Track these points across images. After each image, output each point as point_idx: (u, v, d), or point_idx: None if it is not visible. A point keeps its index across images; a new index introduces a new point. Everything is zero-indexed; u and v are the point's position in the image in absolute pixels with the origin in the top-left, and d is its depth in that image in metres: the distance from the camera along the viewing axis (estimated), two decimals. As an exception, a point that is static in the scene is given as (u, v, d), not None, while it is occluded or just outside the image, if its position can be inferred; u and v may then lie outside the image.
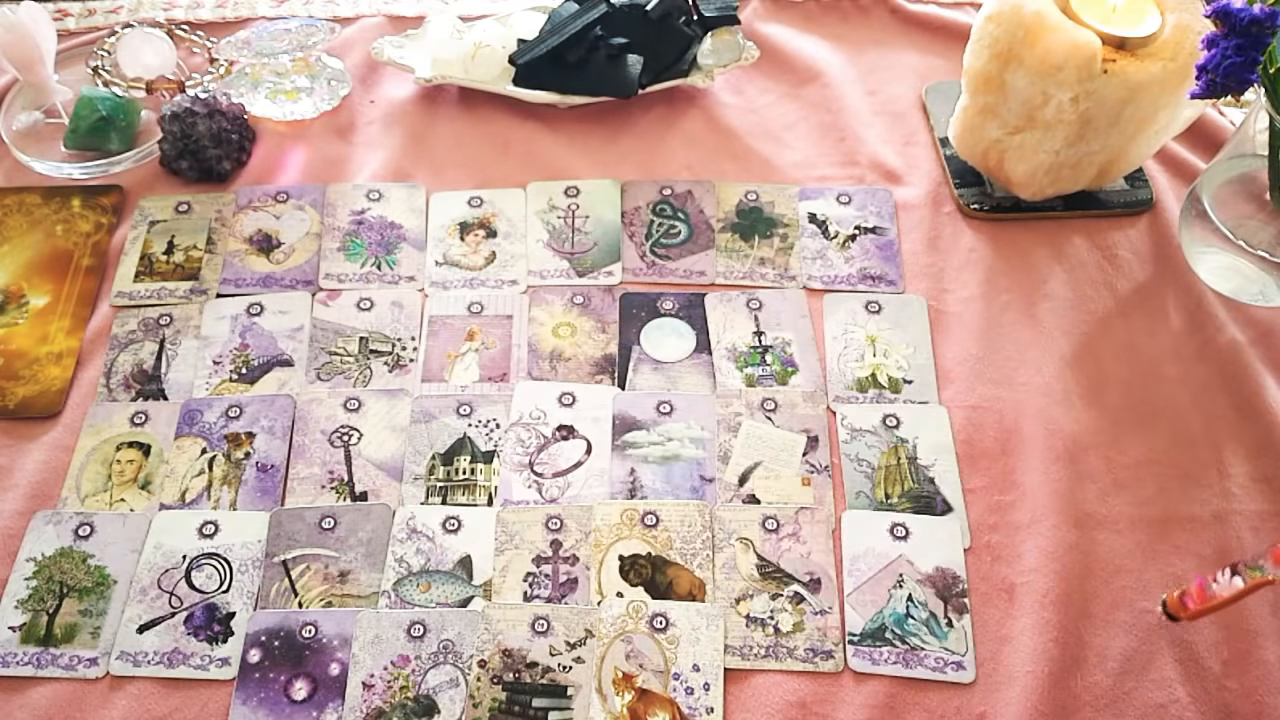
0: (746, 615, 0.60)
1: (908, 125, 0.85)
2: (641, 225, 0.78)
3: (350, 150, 0.84)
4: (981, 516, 0.64)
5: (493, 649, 0.58)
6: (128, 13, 0.93)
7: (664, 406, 0.68)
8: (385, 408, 0.69)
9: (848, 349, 0.71)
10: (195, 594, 0.61)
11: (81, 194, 0.80)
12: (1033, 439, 0.66)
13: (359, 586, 0.61)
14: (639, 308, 0.74)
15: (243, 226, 0.78)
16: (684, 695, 0.57)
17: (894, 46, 0.91)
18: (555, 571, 0.62)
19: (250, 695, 0.57)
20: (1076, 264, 0.75)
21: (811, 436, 0.67)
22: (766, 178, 0.81)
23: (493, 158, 0.83)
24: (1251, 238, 0.69)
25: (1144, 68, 0.67)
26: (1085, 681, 0.57)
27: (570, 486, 0.65)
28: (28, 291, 0.75)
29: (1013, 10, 0.69)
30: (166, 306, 0.74)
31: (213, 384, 0.70)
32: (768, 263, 0.76)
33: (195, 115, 0.78)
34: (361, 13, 0.93)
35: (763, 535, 0.63)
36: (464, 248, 0.77)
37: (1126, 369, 0.70)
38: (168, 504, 0.65)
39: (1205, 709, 0.57)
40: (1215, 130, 0.82)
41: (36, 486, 0.65)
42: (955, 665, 0.58)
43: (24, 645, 0.59)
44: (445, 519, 0.64)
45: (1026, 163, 0.73)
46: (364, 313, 0.73)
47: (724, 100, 0.87)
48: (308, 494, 0.65)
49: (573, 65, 0.82)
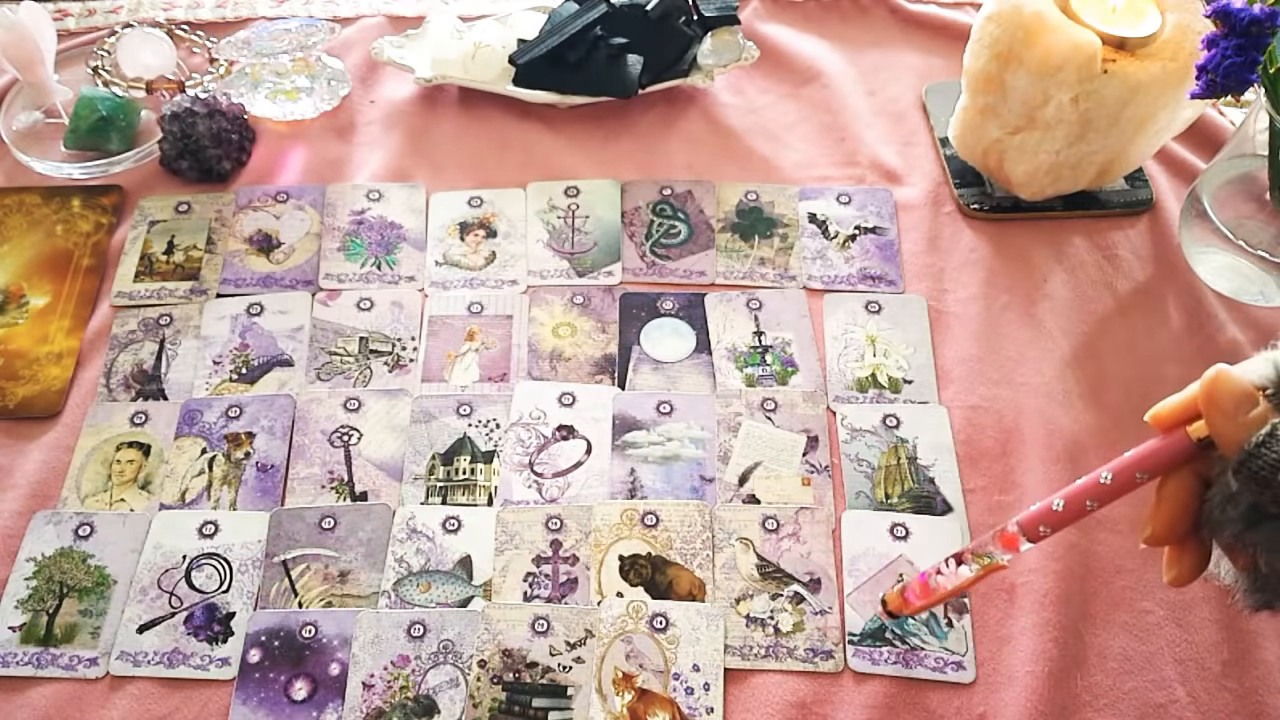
0: (746, 615, 0.60)
1: (908, 125, 0.85)
2: (641, 225, 0.78)
3: (350, 150, 0.84)
4: (981, 516, 0.64)
5: (493, 649, 0.58)
6: (128, 13, 0.93)
7: (664, 406, 0.68)
8: (385, 408, 0.69)
9: (848, 349, 0.71)
10: (195, 594, 0.61)
11: (81, 194, 0.80)
12: (1033, 439, 0.66)
13: (359, 586, 0.61)
14: (639, 308, 0.74)
15: (243, 226, 0.78)
16: (684, 695, 0.57)
17: (894, 46, 0.91)
18: (555, 571, 0.62)
19: (250, 695, 0.57)
20: (1076, 264, 0.75)
21: (811, 436, 0.67)
22: (766, 178, 0.81)
23: (493, 158, 0.83)
24: (1251, 238, 0.69)
25: (1144, 68, 0.67)
26: (1085, 681, 0.57)
27: (570, 486, 0.65)
28: (28, 291, 0.75)
29: (1013, 10, 0.69)
30: (166, 306, 0.74)
31: (213, 384, 0.70)
32: (768, 263, 0.76)
33: (195, 115, 0.78)
34: (361, 13, 0.93)
35: (763, 535, 0.63)
36: (464, 248, 0.77)
37: (1126, 369, 0.70)
38: (168, 504, 0.65)
39: (1205, 709, 0.57)
40: (1215, 130, 0.82)
41: (36, 486, 0.65)
42: (955, 665, 0.58)
43: (24, 645, 0.59)
44: (445, 519, 0.64)
45: (1026, 163, 0.74)
46: (364, 313, 0.73)
47: (724, 100, 0.87)
48: (308, 494, 0.65)
49: (573, 65, 0.82)
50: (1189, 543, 0.44)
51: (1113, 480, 0.44)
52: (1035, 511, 0.46)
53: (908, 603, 0.53)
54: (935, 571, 0.51)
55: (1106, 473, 0.44)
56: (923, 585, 0.52)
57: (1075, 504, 0.45)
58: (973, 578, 0.50)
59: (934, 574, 0.51)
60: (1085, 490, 0.45)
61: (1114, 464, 0.44)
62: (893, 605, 0.55)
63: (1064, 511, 0.45)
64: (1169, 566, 0.44)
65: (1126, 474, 0.44)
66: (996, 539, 0.48)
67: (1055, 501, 0.45)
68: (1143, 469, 0.44)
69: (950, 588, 0.50)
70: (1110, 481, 0.44)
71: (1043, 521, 0.46)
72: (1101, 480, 0.44)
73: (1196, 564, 0.44)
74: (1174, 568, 0.44)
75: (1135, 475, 0.44)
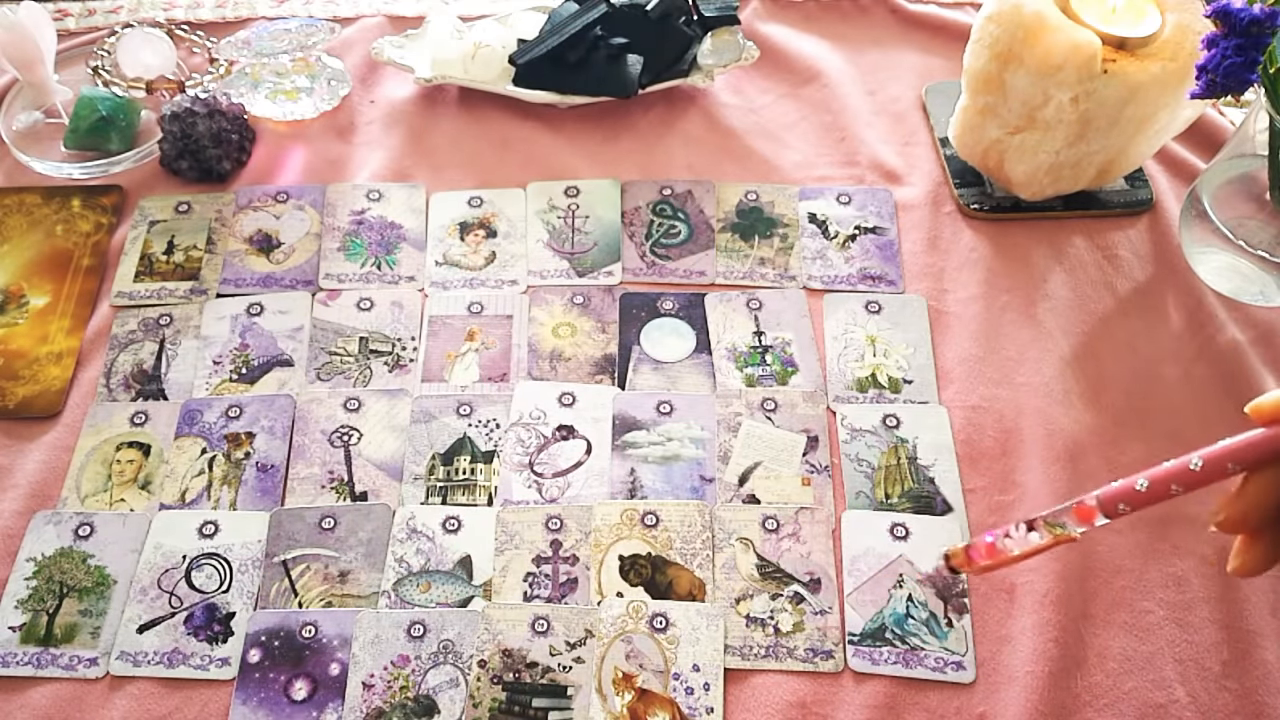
0: (746, 615, 0.60)
1: (908, 125, 0.85)
2: (641, 225, 0.78)
3: (350, 150, 0.84)
4: (981, 516, 0.64)
5: (493, 649, 0.58)
6: (128, 13, 0.93)
7: (664, 406, 0.68)
8: (385, 408, 0.69)
9: (848, 349, 0.71)
10: (195, 594, 0.61)
11: (81, 194, 0.80)
12: (1033, 439, 0.66)
13: (359, 586, 0.61)
14: (639, 308, 0.74)
15: (243, 226, 0.78)
16: (684, 695, 0.57)
17: (894, 46, 0.91)
18: (555, 571, 0.62)
19: (250, 695, 0.57)
20: (1076, 264, 0.75)
21: (811, 436, 0.67)
22: (766, 178, 0.81)
23: (493, 158, 0.83)
24: (1251, 238, 0.69)
25: (1144, 68, 0.67)
26: (1085, 681, 0.57)
27: (570, 486, 0.65)
28: (28, 291, 0.75)
29: (1013, 10, 0.69)
30: (166, 306, 0.74)
31: (213, 384, 0.70)
32: (768, 263, 0.76)
33: (195, 115, 0.78)
34: (361, 13, 0.93)
35: (763, 535, 0.63)
36: (464, 248, 0.77)
37: (1126, 369, 0.70)
38: (168, 504, 0.65)
39: (1205, 709, 0.57)
40: (1215, 130, 0.82)
41: (36, 486, 0.65)
42: (955, 665, 0.58)
43: (24, 645, 0.59)
44: (445, 519, 0.64)
45: (1026, 163, 0.74)
46: (364, 313, 0.73)
47: (724, 100, 0.87)
48: (308, 494, 0.65)
49: (573, 65, 0.82)
50: (1263, 535, 0.43)
51: (1203, 468, 0.42)
52: (1118, 488, 0.44)
53: (972, 561, 0.51)
54: (1004, 534, 0.49)
55: (1198, 459, 0.42)
56: (989, 547, 0.50)
57: (1160, 486, 0.43)
58: (1042, 545, 0.47)
59: (1002, 536, 0.49)
60: (1173, 474, 0.43)
61: (1206, 451, 0.42)
62: (956, 561, 0.52)
63: (1147, 492, 0.43)
64: (1236, 555, 0.43)
65: (1219, 463, 0.42)
66: (1072, 510, 0.46)
67: (1140, 481, 0.43)
68: (1236, 460, 0.42)
69: (1018, 553, 0.48)
70: (1200, 469, 0.42)
71: (1124, 500, 0.44)
72: (1192, 466, 0.42)
73: (1267, 557, 0.43)
74: (1241, 557, 0.43)
75: (1228, 465, 0.42)
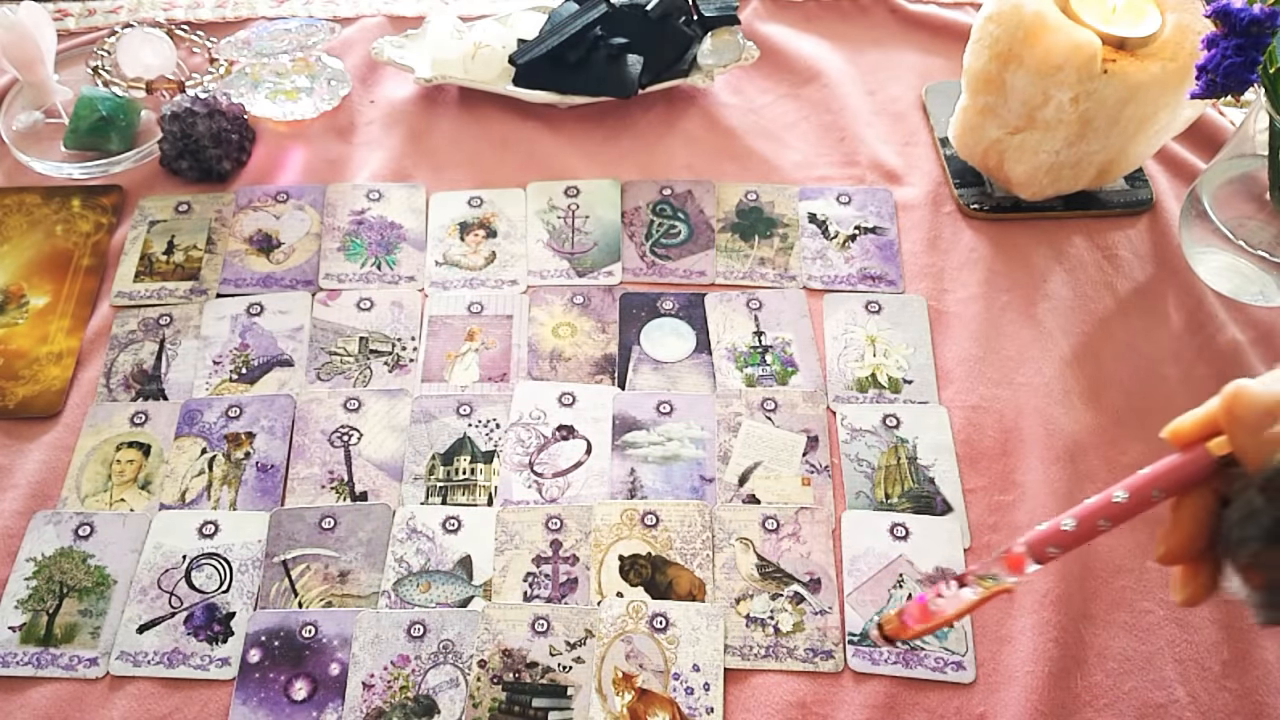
0: (746, 615, 0.60)
1: (908, 125, 0.85)
2: (641, 225, 0.78)
3: (350, 150, 0.84)
4: (981, 516, 0.64)
5: (493, 649, 0.58)
6: (128, 13, 0.93)
7: (664, 406, 0.68)
8: (385, 408, 0.69)
9: (848, 349, 0.71)
10: (195, 594, 0.61)
11: (81, 194, 0.80)
12: (1033, 439, 0.66)
13: (359, 586, 0.61)
14: (639, 308, 0.74)
15: (243, 226, 0.78)
16: (684, 695, 0.57)
17: (894, 46, 0.91)
18: (555, 571, 0.62)
19: (250, 695, 0.57)
20: (1076, 264, 0.75)
21: (811, 436, 0.67)
22: (766, 178, 0.81)
23: (493, 158, 0.83)
24: (1251, 238, 0.69)
25: (1144, 68, 0.67)
26: (1085, 681, 0.57)
27: (570, 486, 0.65)
28: (28, 291, 0.75)
29: (1013, 10, 0.69)
30: (166, 306, 0.74)
31: (213, 384, 0.70)
32: (768, 263, 0.76)
33: (195, 115, 0.78)
34: (361, 13, 0.93)
35: (763, 535, 0.63)
36: (464, 248, 0.77)
37: (1126, 369, 0.70)
38: (168, 504, 0.65)
39: (1205, 709, 0.57)
40: (1215, 130, 0.82)
41: (36, 486, 0.65)
42: (955, 665, 0.58)
43: (24, 645, 0.59)
44: (445, 519, 0.64)
45: (1026, 163, 0.74)
46: (364, 313, 0.73)
47: (724, 100, 0.87)
48: (308, 494, 0.65)
49: (573, 65, 0.82)
50: (1202, 562, 0.42)
51: (1128, 499, 0.42)
52: (1043, 532, 0.43)
53: (905, 627, 0.49)
54: (935, 594, 0.47)
55: (1121, 491, 0.42)
56: (922, 609, 0.48)
57: (1087, 524, 0.42)
58: (976, 600, 0.46)
59: (934, 597, 0.47)
60: (1098, 509, 0.42)
61: (1129, 481, 0.42)
62: (890, 628, 0.50)
63: (1075, 531, 0.43)
64: (1182, 586, 0.43)
65: (1143, 492, 0.42)
66: (1001, 560, 0.45)
67: (1065, 521, 0.43)
68: (1160, 487, 0.41)
69: (952, 612, 0.46)
70: (1125, 500, 0.42)
71: (1052, 542, 0.43)
72: (1115, 499, 0.42)
73: (1209, 583, 0.42)
74: (1187, 587, 0.42)
75: (1152, 494, 0.41)
